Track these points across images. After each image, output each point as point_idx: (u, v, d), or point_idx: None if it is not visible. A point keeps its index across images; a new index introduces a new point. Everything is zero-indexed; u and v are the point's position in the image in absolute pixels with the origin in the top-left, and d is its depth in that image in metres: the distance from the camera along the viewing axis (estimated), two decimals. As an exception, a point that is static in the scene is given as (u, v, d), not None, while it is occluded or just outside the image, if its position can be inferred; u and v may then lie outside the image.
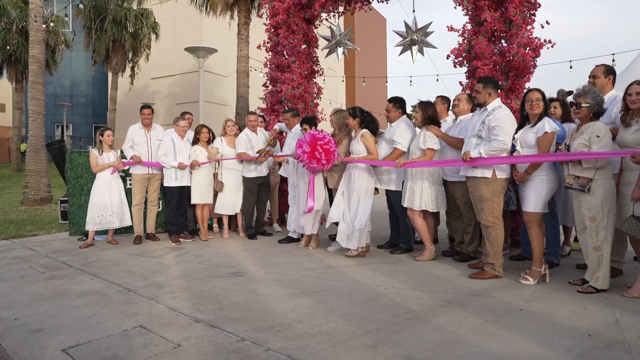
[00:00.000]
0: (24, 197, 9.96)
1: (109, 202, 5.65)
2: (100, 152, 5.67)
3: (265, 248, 5.55)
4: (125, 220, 5.82)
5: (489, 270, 4.10)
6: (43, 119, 10.05)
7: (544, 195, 3.86)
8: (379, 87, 40.10)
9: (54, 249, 5.62)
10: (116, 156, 5.80)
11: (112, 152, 5.79)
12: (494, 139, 3.93)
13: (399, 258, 4.97)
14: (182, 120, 6.03)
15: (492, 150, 3.94)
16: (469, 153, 4.03)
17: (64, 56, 22.69)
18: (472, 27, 5.77)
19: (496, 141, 3.92)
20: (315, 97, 7.43)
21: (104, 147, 5.72)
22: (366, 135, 4.96)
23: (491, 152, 3.95)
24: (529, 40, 5.31)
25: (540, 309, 3.26)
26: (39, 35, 10.01)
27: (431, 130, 4.68)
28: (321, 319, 3.11)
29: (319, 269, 4.52)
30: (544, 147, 3.81)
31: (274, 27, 7.34)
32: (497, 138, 3.93)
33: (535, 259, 3.91)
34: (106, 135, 5.73)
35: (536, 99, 3.91)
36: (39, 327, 3.03)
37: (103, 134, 5.72)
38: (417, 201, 4.69)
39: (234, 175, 6.16)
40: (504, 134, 3.91)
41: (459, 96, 4.98)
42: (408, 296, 3.60)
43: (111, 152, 5.78)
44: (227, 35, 19.05)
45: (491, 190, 4.10)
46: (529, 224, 3.93)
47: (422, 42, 6.48)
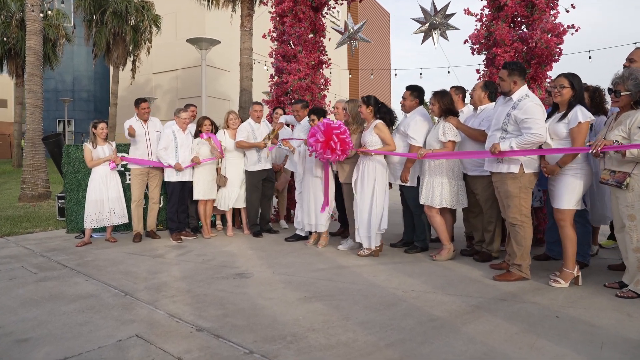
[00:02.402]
0: (22, 193, 9.68)
1: (105, 198, 5.35)
2: (94, 146, 5.37)
3: (272, 246, 5.25)
4: (125, 216, 5.53)
5: (516, 271, 3.78)
6: (41, 113, 9.75)
7: (577, 191, 3.54)
8: (384, 82, 39.71)
9: (49, 247, 5.33)
10: (111, 149, 5.50)
11: (107, 144, 5.49)
12: (527, 132, 3.56)
13: (414, 257, 4.65)
14: (183, 112, 5.70)
15: (525, 144, 3.57)
16: (498, 145, 3.69)
17: (65, 51, 22.38)
18: (491, 12, 5.43)
19: (530, 135, 3.54)
20: (323, 88, 7.10)
21: (98, 141, 5.41)
22: (380, 125, 4.63)
23: (524, 145, 3.58)
24: (553, 25, 4.98)
25: (579, 315, 2.94)
26: (36, 26, 9.68)
27: (450, 121, 4.36)
28: (337, 327, 2.80)
29: (330, 269, 4.21)
30: (578, 139, 3.47)
31: (279, 15, 7.00)
32: (530, 131, 3.55)
33: (568, 260, 3.59)
34: (99, 127, 5.41)
35: (560, 85, 3.57)
36: (25, 336, 2.73)
37: (96, 126, 5.41)
38: (437, 198, 4.37)
39: (237, 168, 5.85)
40: (537, 126, 3.54)
41: (475, 85, 4.66)
42: (430, 301, 3.29)
43: (106, 145, 5.47)
44: (230, 30, 18.69)
45: (518, 185, 3.76)
46: (561, 223, 3.61)
47: (443, 25, 6.12)
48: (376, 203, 4.58)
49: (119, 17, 18.94)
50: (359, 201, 4.68)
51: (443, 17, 6.08)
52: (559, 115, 3.60)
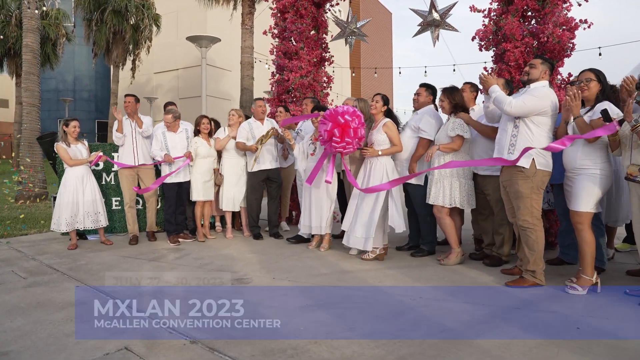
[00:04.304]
0: (18, 193, 9.52)
1: (80, 201, 5.08)
2: (67, 144, 5.17)
3: (273, 249, 5.05)
4: (100, 221, 5.23)
5: (529, 277, 3.57)
6: (38, 112, 9.59)
7: (597, 192, 3.34)
8: (386, 81, 39.50)
9: (42, 250, 5.14)
10: (86, 147, 5.30)
11: (80, 143, 5.28)
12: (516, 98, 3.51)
13: (421, 262, 4.45)
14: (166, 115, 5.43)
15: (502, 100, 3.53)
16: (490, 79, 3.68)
17: (66, 51, 22.21)
18: (499, 7, 5.23)
19: (517, 99, 3.49)
20: (326, 86, 6.90)
21: (70, 139, 5.19)
22: (389, 124, 4.44)
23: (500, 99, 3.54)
24: (565, 19, 4.77)
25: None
26: (33, 24, 9.52)
27: (461, 117, 4.16)
28: (341, 339, 2.60)
29: (333, 274, 4.02)
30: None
31: (280, 11, 6.81)
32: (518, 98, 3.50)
33: (586, 266, 3.38)
34: (71, 126, 5.20)
35: (586, 79, 3.38)
36: (5, 349, 2.54)
37: (68, 124, 5.20)
38: (448, 197, 4.17)
39: (234, 167, 5.64)
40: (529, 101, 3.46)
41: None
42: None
43: (79, 144, 5.26)
44: (231, 29, 18.52)
45: (530, 185, 3.56)
46: (579, 226, 3.40)
47: (444, 25, 5.95)
48: (381, 205, 4.36)
49: (119, 16, 18.76)
50: (360, 199, 4.49)
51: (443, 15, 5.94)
52: (584, 110, 3.40)
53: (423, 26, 6.06)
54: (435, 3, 6.00)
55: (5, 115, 31.23)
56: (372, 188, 4.32)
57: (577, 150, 3.40)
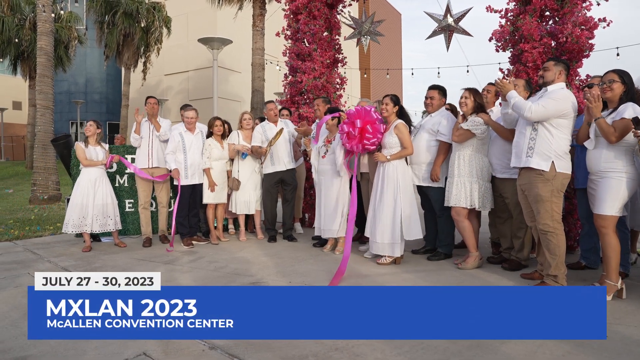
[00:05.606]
0: (32, 195, 9.60)
1: (90, 204, 5.08)
2: (85, 145, 5.20)
3: (288, 252, 5.01)
4: (108, 225, 5.22)
5: (551, 282, 3.50)
6: (52, 114, 9.68)
7: (622, 195, 3.25)
8: (396, 82, 39.38)
9: (57, 252, 5.16)
10: (104, 152, 5.31)
11: (100, 147, 5.30)
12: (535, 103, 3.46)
13: (438, 265, 4.39)
14: (187, 111, 5.42)
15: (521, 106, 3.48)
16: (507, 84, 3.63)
17: (78, 53, 22.46)
18: (516, 7, 5.15)
19: (536, 104, 3.44)
20: (339, 87, 6.86)
21: (89, 140, 5.25)
22: (400, 126, 4.38)
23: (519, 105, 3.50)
24: (584, 19, 4.69)
25: (629, 334, 2.66)
26: (47, 27, 9.60)
27: (482, 117, 4.10)
28: (363, 346, 2.56)
29: (350, 278, 3.97)
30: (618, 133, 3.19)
31: (293, 12, 6.79)
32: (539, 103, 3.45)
33: (611, 271, 3.30)
34: (85, 126, 5.26)
35: (609, 80, 3.31)
36: (24, 353, 2.53)
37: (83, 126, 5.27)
38: (468, 198, 4.11)
39: (250, 170, 5.62)
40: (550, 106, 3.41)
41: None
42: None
43: (98, 147, 5.29)
44: (241, 30, 18.60)
45: (550, 189, 3.49)
46: (603, 230, 3.32)
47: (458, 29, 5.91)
48: (400, 208, 4.31)
49: (130, 18, 18.92)
50: (379, 206, 4.43)
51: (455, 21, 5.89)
52: (606, 112, 3.32)
53: (437, 30, 6.01)
54: (450, 7, 5.95)
55: (19, 117, 31.63)
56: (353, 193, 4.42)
57: (601, 152, 3.32)
